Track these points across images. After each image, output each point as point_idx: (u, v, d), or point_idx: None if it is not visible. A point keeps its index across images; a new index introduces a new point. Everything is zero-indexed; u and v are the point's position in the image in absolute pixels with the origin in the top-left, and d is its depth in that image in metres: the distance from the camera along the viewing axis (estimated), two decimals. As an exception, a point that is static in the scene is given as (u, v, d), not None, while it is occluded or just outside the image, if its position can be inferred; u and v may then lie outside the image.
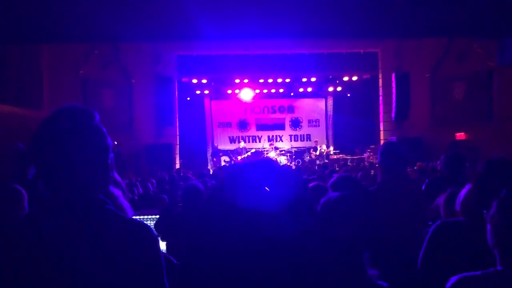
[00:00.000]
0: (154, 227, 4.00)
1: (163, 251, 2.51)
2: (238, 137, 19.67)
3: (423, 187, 4.19)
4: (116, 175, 2.44)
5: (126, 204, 2.03)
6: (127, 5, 6.86)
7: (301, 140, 20.11)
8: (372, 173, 8.62)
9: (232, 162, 17.38)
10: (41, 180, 1.35)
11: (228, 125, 19.97)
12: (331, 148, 18.41)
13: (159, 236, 3.73)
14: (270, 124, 20.16)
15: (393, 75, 14.98)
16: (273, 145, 18.38)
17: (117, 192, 2.02)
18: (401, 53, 15.83)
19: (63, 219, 1.29)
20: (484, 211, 1.89)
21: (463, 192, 2.32)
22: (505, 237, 1.52)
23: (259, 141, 19.74)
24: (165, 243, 3.70)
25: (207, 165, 17.77)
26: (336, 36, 11.94)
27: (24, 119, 10.82)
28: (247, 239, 1.67)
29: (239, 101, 19.17)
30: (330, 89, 18.77)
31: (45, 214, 1.31)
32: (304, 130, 20.24)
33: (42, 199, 1.36)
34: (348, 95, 18.80)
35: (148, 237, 1.35)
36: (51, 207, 1.32)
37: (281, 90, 18.82)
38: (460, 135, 14.52)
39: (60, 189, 1.32)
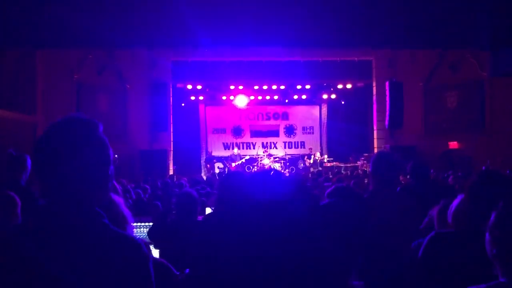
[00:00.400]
0: (148, 234, 3.98)
1: (163, 261, 2.49)
2: (232, 143, 19.67)
3: None
4: (114, 182, 2.43)
5: (127, 212, 2.02)
6: (123, 13, 6.87)
7: (295, 147, 20.14)
8: (366, 181, 8.63)
9: (226, 169, 17.36)
10: (39, 188, 1.35)
11: (222, 131, 19.97)
12: (325, 155, 18.45)
13: (152, 244, 3.72)
14: (264, 130, 20.18)
15: (387, 83, 15.08)
16: (267, 152, 18.39)
17: (119, 200, 2.01)
18: (395, 62, 15.94)
19: (56, 229, 1.28)
20: (480, 223, 1.90)
21: (455, 203, 2.33)
22: (507, 248, 1.49)
23: (253, 148, 19.73)
24: (158, 250, 3.69)
25: (201, 172, 17.75)
26: (329, 46, 12.04)
27: (18, 123, 10.77)
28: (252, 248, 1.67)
29: (234, 107, 19.19)
30: (325, 96, 18.84)
31: (37, 223, 1.30)
32: (298, 137, 20.28)
33: (36, 208, 1.35)
34: (342, 102, 18.88)
35: (140, 254, 1.33)
36: (45, 216, 1.31)
37: (275, 97, 18.87)
38: (453, 144, 14.62)
39: (58, 199, 1.32)
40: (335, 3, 7.18)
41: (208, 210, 5.26)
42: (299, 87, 17.93)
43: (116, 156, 10.70)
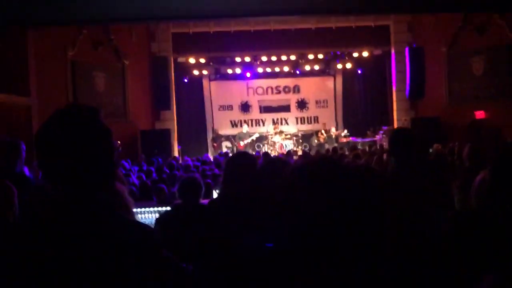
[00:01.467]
0: (156, 221, 4.00)
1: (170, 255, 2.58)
2: (241, 120, 19.66)
3: None
4: None
5: (130, 201, 2.14)
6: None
7: (308, 123, 20.07)
8: (385, 157, 8.63)
9: (234, 148, 17.42)
10: (45, 178, 1.42)
11: (229, 108, 19.93)
12: (341, 130, 18.39)
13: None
14: (275, 106, 20.09)
15: (407, 49, 14.91)
16: (278, 128, 18.37)
17: (122, 189, 2.11)
18: (415, 26, 15.71)
19: (66, 218, 1.35)
20: (505, 201, 1.90)
21: (478, 178, 2.34)
22: None
23: (263, 125, 19.71)
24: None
25: (208, 151, 17.84)
26: (343, 13, 11.87)
27: (11, 106, 10.88)
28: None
29: (241, 82, 19.12)
30: (339, 66, 18.67)
31: (48, 213, 1.37)
32: (312, 111, 20.16)
33: (46, 199, 1.42)
34: (359, 72, 18.71)
35: (150, 241, 1.40)
36: (55, 206, 1.38)
37: (285, 69, 18.73)
38: (480, 113, 14.47)
39: (64, 189, 1.38)
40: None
41: (215, 194, 5.32)
42: (311, 57, 17.73)
43: (119, 142, 10.85)
